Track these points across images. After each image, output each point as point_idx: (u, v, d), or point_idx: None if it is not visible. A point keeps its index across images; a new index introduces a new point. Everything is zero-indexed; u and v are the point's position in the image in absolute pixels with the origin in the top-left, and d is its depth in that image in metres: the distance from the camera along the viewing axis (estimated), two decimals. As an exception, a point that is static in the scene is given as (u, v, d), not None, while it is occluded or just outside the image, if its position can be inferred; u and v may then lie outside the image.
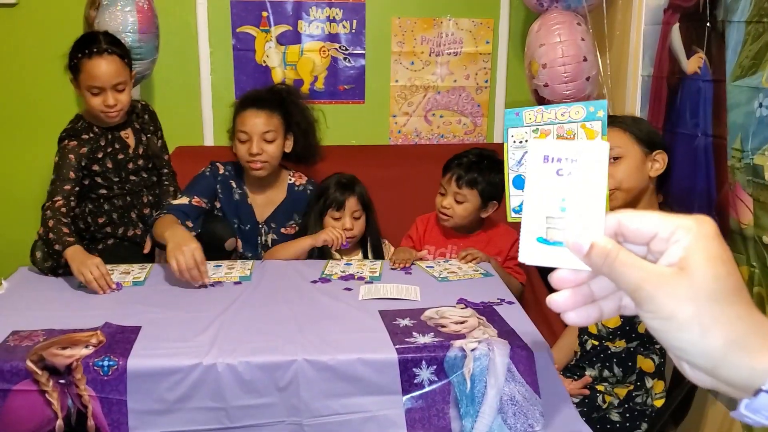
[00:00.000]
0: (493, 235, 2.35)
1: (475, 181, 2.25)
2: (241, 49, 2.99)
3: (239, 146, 2.30)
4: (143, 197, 2.39)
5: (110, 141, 2.28)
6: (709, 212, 1.96)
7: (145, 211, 2.39)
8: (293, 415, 1.52)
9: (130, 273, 2.05)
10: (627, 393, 1.84)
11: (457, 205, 2.27)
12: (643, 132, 1.83)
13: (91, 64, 2.14)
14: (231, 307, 1.78)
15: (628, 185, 1.81)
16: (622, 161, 1.80)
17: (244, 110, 2.31)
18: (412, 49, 3.06)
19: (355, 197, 2.33)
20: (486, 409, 1.51)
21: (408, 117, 3.14)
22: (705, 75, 1.97)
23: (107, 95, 2.16)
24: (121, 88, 2.18)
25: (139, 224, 2.38)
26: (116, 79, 2.16)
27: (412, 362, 1.52)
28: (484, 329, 1.64)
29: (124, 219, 2.34)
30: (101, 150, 2.25)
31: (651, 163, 1.83)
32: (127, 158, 2.32)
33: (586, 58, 2.38)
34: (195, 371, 1.48)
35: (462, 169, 2.25)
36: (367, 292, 1.89)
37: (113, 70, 2.16)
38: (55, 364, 1.48)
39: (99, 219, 2.31)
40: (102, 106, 2.17)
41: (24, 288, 1.95)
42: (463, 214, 2.28)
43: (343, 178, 2.37)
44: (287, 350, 1.54)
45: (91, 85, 2.15)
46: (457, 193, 2.26)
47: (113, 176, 2.29)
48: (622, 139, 1.81)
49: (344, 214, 2.31)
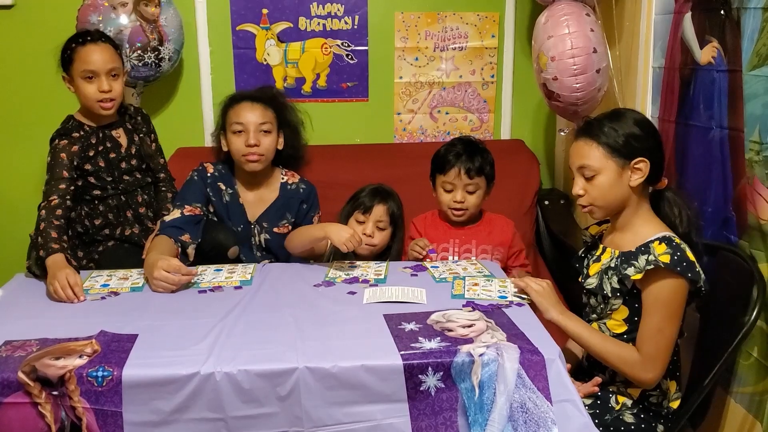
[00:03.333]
0: (493, 226, 2.35)
1: (482, 167, 2.26)
2: (241, 48, 2.94)
3: (234, 139, 2.27)
4: (138, 197, 2.35)
5: (101, 139, 2.27)
6: (725, 208, 1.89)
7: (140, 210, 2.36)
8: (295, 425, 1.46)
9: (128, 279, 2.00)
10: (641, 393, 1.78)
11: (470, 195, 2.28)
12: (620, 142, 1.71)
13: (84, 50, 2.16)
14: (231, 314, 1.72)
15: (603, 202, 1.76)
16: (595, 179, 1.74)
17: (238, 103, 2.31)
18: (416, 44, 3.00)
19: (385, 207, 2.30)
20: (495, 417, 1.45)
21: (413, 114, 3.08)
22: (720, 65, 1.90)
23: (102, 81, 2.16)
24: (115, 74, 2.19)
25: (135, 224, 2.34)
26: (110, 65, 2.17)
27: (418, 368, 1.46)
28: (492, 333, 1.57)
29: (119, 218, 2.31)
30: (92, 148, 2.24)
31: (630, 173, 1.73)
32: (119, 157, 2.29)
33: (596, 50, 2.31)
34: (192, 381, 1.43)
35: (466, 161, 2.25)
36: (372, 295, 1.84)
37: (107, 56, 2.18)
38: (47, 375, 1.43)
39: (96, 221, 2.28)
40: (96, 93, 2.17)
41: (19, 296, 1.90)
42: (476, 203, 2.29)
43: (380, 188, 2.36)
44: (288, 358, 1.48)
45: (86, 70, 2.16)
46: (469, 184, 2.26)
47: (106, 176, 2.27)
48: (596, 156, 1.73)
49: (368, 219, 2.28)
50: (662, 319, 1.67)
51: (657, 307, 1.68)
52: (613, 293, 1.75)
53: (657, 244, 1.68)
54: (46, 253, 1.93)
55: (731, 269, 1.82)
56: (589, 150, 1.74)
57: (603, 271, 1.79)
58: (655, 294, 1.68)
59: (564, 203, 2.99)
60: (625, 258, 1.73)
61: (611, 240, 1.84)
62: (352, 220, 2.30)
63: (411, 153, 3.01)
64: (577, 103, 2.35)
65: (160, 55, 2.66)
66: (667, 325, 1.68)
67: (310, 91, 2.99)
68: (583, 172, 1.75)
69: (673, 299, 1.67)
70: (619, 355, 1.71)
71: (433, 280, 1.97)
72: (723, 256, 1.87)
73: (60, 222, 2.04)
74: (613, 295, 1.75)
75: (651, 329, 1.68)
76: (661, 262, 1.64)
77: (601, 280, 1.78)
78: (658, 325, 1.67)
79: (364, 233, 2.25)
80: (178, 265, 1.91)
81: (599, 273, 1.80)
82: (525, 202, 2.88)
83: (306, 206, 2.41)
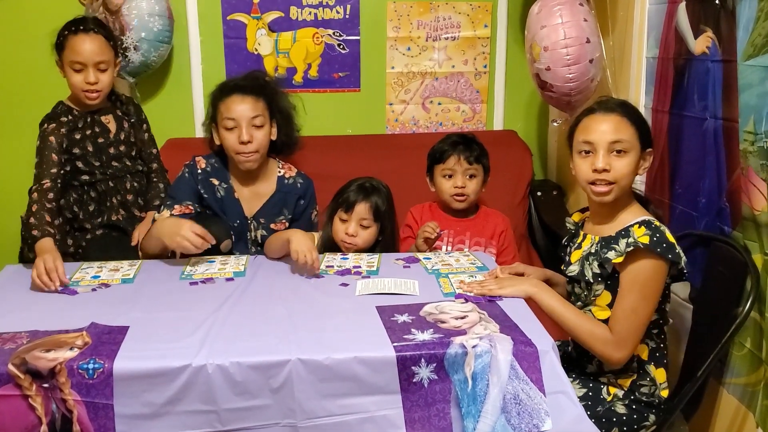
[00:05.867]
0: (488, 221, 2.37)
1: (480, 156, 2.31)
2: (232, 38, 2.91)
3: (226, 135, 2.19)
4: (126, 183, 2.34)
5: (89, 124, 2.27)
6: (719, 199, 1.89)
7: (128, 198, 2.35)
8: (288, 417, 1.46)
9: (119, 270, 1.98)
10: (631, 383, 1.78)
11: (470, 181, 2.31)
12: (642, 126, 1.74)
13: (75, 39, 2.16)
14: (223, 306, 1.71)
15: (626, 182, 1.73)
16: (626, 156, 1.71)
17: (228, 96, 2.21)
18: (408, 34, 2.98)
19: (368, 204, 2.21)
20: (489, 408, 1.44)
21: (405, 105, 3.06)
22: (714, 55, 1.89)
23: (89, 72, 2.17)
24: (103, 68, 2.20)
25: (120, 210, 2.33)
26: (99, 57, 2.18)
27: (410, 360, 1.45)
28: (485, 324, 1.57)
29: (106, 204, 2.30)
30: (79, 131, 2.24)
31: (642, 162, 1.75)
32: (107, 142, 2.29)
33: (589, 40, 2.30)
34: (184, 373, 1.42)
35: (464, 149, 2.30)
36: (364, 287, 1.82)
37: (96, 47, 2.18)
38: (38, 368, 1.41)
39: (84, 207, 2.28)
40: (83, 83, 2.18)
41: (9, 287, 1.88)
42: (476, 188, 2.33)
43: (367, 183, 2.27)
44: (281, 350, 1.47)
45: (74, 60, 2.16)
46: (468, 169, 2.30)
47: (94, 160, 2.26)
48: (630, 133, 1.72)
49: (351, 218, 2.22)
50: (637, 299, 1.67)
51: (633, 287, 1.67)
52: (594, 278, 1.75)
53: (636, 228, 1.69)
54: (41, 234, 1.94)
55: (725, 260, 1.82)
56: (625, 127, 1.72)
57: (584, 257, 1.79)
58: (634, 274, 1.68)
59: (556, 194, 2.98)
60: (605, 243, 1.73)
61: (591, 227, 1.85)
62: (336, 219, 2.24)
63: (403, 144, 3.00)
64: (570, 93, 2.35)
65: (123, 44, 2.61)
66: (640, 306, 1.67)
67: (302, 81, 2.97)
68: (615, 147, 1.71)
69: (650, 279, 1.67)
70: (592, 332, 1.71)
71: (425, 272, 1.96)
72: (717, 247, 1.87)
73: (52, 206, 2.05)
74: (595, 281, 1.75)
75: (625, 309, 1.68)
76: (640, 243, 1.65)
77: (582, 267, 1.78)
78: (633, 305, 1.67)
79: (347, 233, 2.20)
80: (203, 231, 1.96)
81: (580, 260, 1.80)
82: (518, 193, 2.88)
83: (303, 202, 2.35)
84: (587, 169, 1.74)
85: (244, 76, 2.36)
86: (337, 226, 2.23)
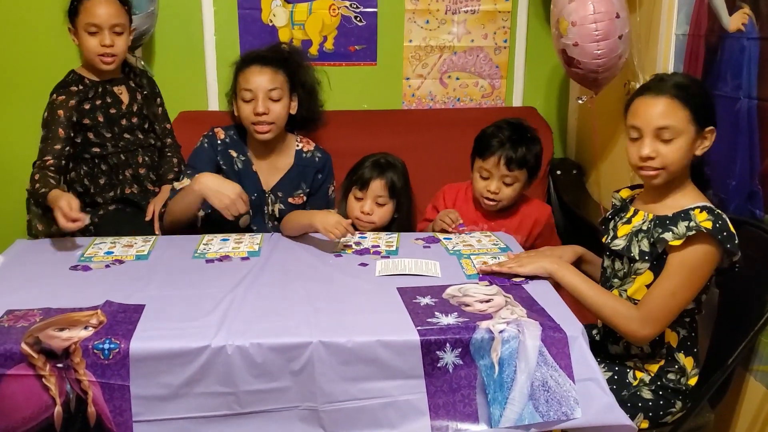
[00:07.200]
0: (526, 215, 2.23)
1: (525, 160, 2.11)
2: (246, 8, 2.83)
3: (243, 106, 2.16)
4: (138, 157, 2.30)
5: (101, 94, 2.22)
6: (750, 181, 1.83)
7: (140, 171, 2.30)
8: (308, 400, 1.42)
9: (133, 246, 1.94)
10: (658, 369, 1.74)
11: (506, 187, 2.14)
12: (700, 105, 1.64)
13: (90, 3, 2.14)
14: (240, 285, 1.67)
15: (676, 167, 1.66)
16: (674, 142, 1.64)
17: (247, 67, 2.18)
18: (426, 6, 2.90)
19: (383, 181, 2.16)
20: (516, 395, 1.41)
21: (422, 79, 2.99)
22: (750, 32, 1.82)
23: (104, 35, 2.14)
24: (119, 31, 2.16)
25: (134, 183, 2.29)
26: (114, 20, 2.14)
27: (435, 345, 1.41)
28: (512, 308, 1.52)
29: (118, 177, 2.26)
30: (89, 102, 2.19)
31: (700, 141, 1.67)
32: (119, 113, 2.24)
33: (619, 15, 2.22)
34: (203, 354, 1.38)
35: (509, 150, 2.09)
36: (384, 267, 1.78)
37: (112, 10, 2.15)
38: (51, 347, 1.38)
39: (96, 180, 2.24)
40: (98, 47, 2.14)
41: (21, 263, 1.84)
42: (512, 195, 2.15)
43: (381, 159, 2.21)
44: (301, 331, 1.43)
45: (89, 23, 2.13)
46: (506, 176, 2.12)
47: (105, 131, 2.22)
48: (681, 117, 1.63)
49: (366, 195, 2.16)
50: (680, 283, 1.61)
51: (681, 270, 1.61)
52: (641, 256, 1.69)
53: (698, 212, 1.62)
54: (48, 189, 1.94)
55: (756, 245, 1.76)
56: (675, 111, 1.63)
57: (633, 233, 1.73)
58: (684, 257, 1.61)
59: (576, 173, 2.92)
60: (660, 222, 1.66)
61: (644, 205, 1.77)
62: (351, 197, 2.19)
63: (420, 120, 2.93)
64: (598, 70, 2.27)
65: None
66: (681, 290, 1.62)
67: (317, 54, 2.90)
68: (662, 134, 1.64)
69: (699, 266, 1.61)
70: (615, 308, 1.65)
71: (446, 252, 1.91)
72: (747, 232, 1.80)
73: (54, 176, 2.04)
74: (641, 258, 1.69)
75: (664, 289, 1.62)
76: (703, 227, 1.58)
77: (630, 242, 1.72)
78: (674, 287, 1.61)
79: (363, 211, 2.15)
80: (247, 201, 2.02)
81: (628, 235, 1.74)
82: (536, 172, 2.81)
83: (321, 176, 2.31)
84: (634, 154, 1.68)
85: (268, 47, 2.32)
86: (352, 204, 2.18)
